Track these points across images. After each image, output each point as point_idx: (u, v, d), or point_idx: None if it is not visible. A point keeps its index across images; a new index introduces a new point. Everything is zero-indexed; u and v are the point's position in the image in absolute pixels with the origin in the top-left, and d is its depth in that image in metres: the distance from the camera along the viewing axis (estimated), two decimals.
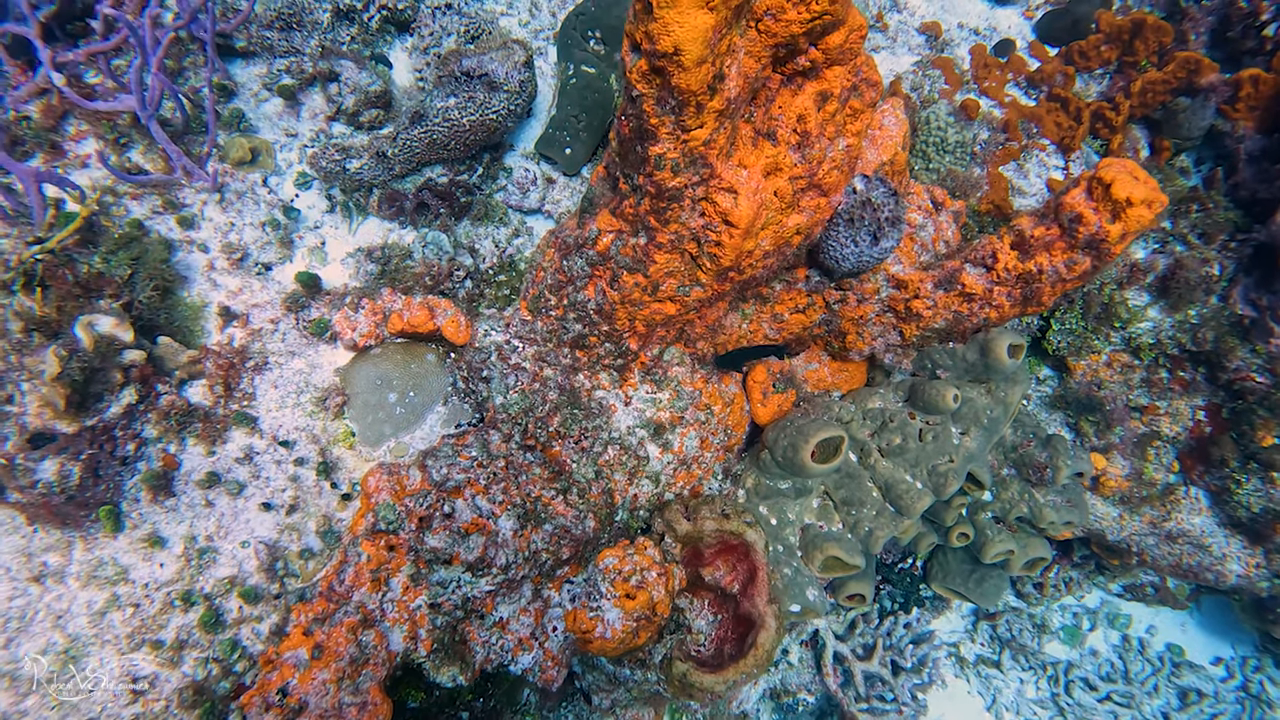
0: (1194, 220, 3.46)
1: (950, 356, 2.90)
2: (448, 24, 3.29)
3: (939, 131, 3.29)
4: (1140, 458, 3.71)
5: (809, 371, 3.11)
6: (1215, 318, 3.50)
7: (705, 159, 2.26)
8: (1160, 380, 3.67)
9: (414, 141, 2.84)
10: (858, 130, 2.51)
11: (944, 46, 3.69)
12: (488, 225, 3.15)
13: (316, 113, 3.21)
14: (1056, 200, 2.74)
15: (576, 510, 2.47)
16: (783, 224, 2.51)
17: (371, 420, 2.48)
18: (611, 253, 2.52)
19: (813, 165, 2.44)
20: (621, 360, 2.72)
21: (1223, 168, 3.51)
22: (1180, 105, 3.43)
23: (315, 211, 3.07)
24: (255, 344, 2.60)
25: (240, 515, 2.33)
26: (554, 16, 3.63)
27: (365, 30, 3.34)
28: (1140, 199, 2.58)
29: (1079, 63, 3.58)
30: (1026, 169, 3.46)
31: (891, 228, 2.63)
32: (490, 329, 2.69)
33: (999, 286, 2.84)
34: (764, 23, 2.13)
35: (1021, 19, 3.79)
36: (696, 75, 2.02)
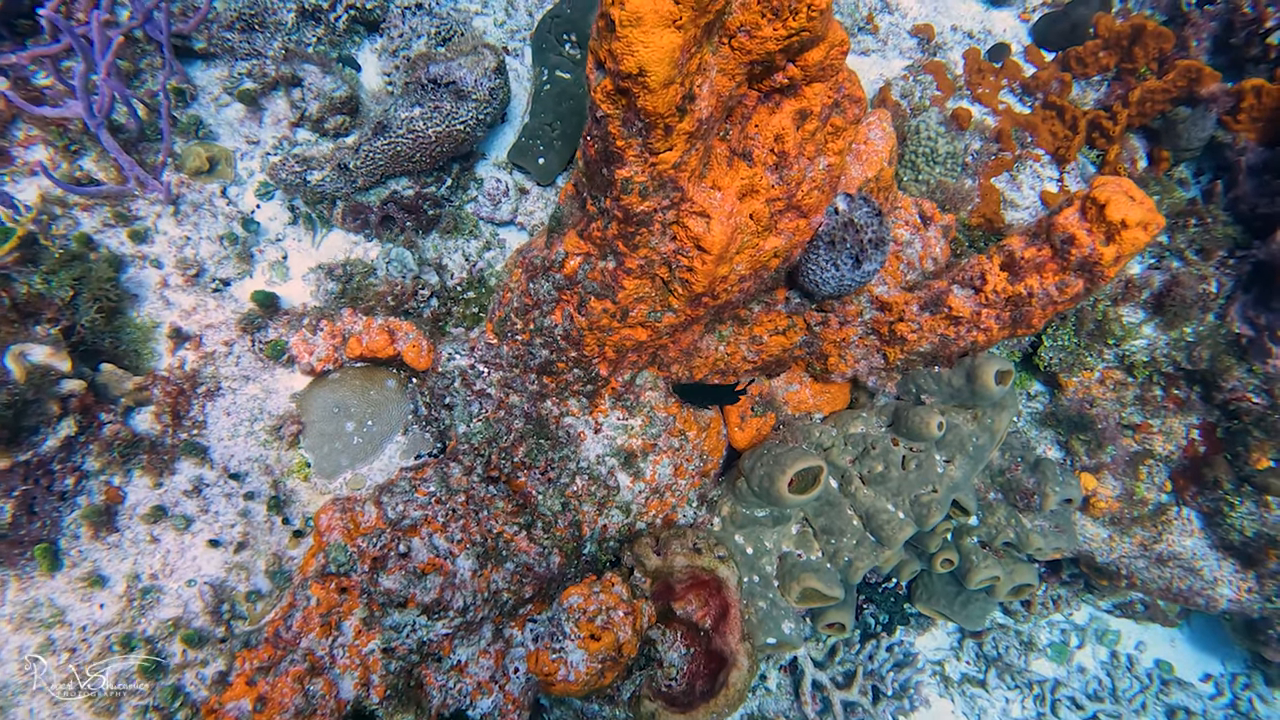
0: (1192, 235, 3.34)
1: (935, 381, 2.79)
2: (418, 25, 3.15)
3: (929, 142, 3.16)
4: (1132, 477, 3.61)
5: (790, 393, 3.00)
6: (1212, 336, 3.39)
7: (675, 182, 2.14)
8: (1154, 398, 3.56)
9: (377, 153, 2.71)
10: (840, 149, 2.39)
11: (936, 50, 3.55)
12: (457, 238, 3.02)
13: (280, 118, 3.08)
14: (1049, 220, 2.63)
15: (541, 546, 2.37)
16: (759, 247, 2.39)
17: (328, 451, 2.37)
18: (579, 277, 2.40)
19: (791, 187, 2.31)
20: (591, 386, 2.61)
21: (1223, 180, 3.38)
22: (1180, 115, 3.30)
23: (277, 223, 2.94)
24: (208, 368, 2.49)
25: (187, 552, 2.23)
26: (531, 16, 3.48)
27: (332, 31, 3.20)
28: (1136, 221, 2.47)
29: (1076, 69, 3.45)
30: (1020, 180, 3.34)
31: (875, 250, 2.51)
32: (454, 353, 2.57)
33: (987, 309, 2.73)
34: (738, 39, 2.00)
35: (1018, 21, 3.65)
36: (664, 97, 1.90)
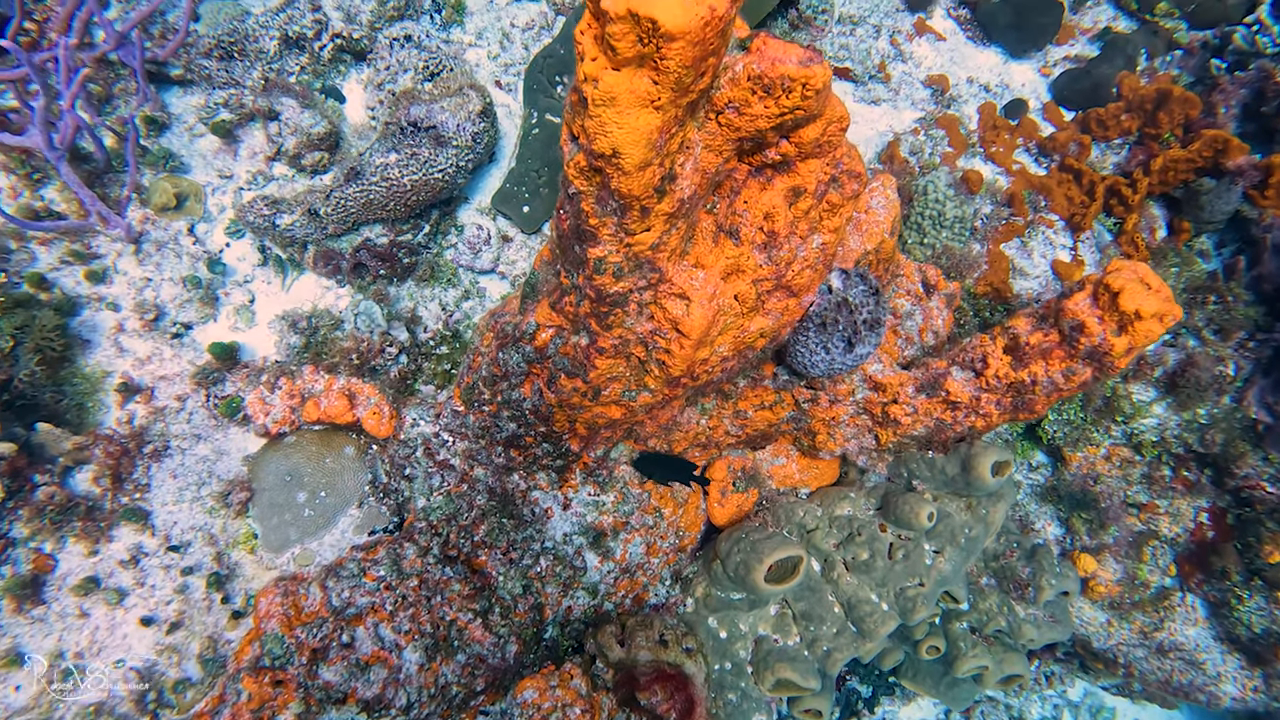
0: (1210, 313, 3.17)
1: (929, 467, 2.63)
2: (405, 58, 3.01)
3: (937, 205, 2.99)
4: (1135, 558, 3.44)
5: (775, 467, 2.85)
6: (1226, 419, 3.21)
7: (653, 263, 1.99)
8: (1162, 478, 3.39)
9: (349, 200, 2.57)
10: (836, 226, 2.23)
11: (950, 102, 3.38)
12: (434, 286, 2.88)
13: (256, 151, 2.94)
14: (1058, 304, 2.47)
15: (496, 635, 2.22)
16: (744, 328, 2.24)
17: (276, 523, 2.23)
18: (550, 351, 2.25)
19: (780, 267, 2.16)
20: (561, 461, 2.46)
21: (1246, 256, 3.20)
22: (1204, 186, 3.12)
23: (246, 264, 2.81)
24: (157, 425, 2.35)
25: (118, 629, 2.09)
26: (526, 50, 3.34)
27: (316, 60, 3.06)
28: (1151, 312, 2.31)
29: (1096, 131, 3.27)
30: (1031, 247, 3.17)
31: (870, 332, 2.35)
32: (419, 418, 2.43)
33: (988, 394, 2.57)
34: (726, 115, 1.85)
35: (1037, 76, 3.48)
36: (639, 180, 1.75)
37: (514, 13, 3.36)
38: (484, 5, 3.36)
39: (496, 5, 3.37)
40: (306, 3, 3.01)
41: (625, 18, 1.46)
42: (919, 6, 3.47)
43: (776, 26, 3.36)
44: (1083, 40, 3.56)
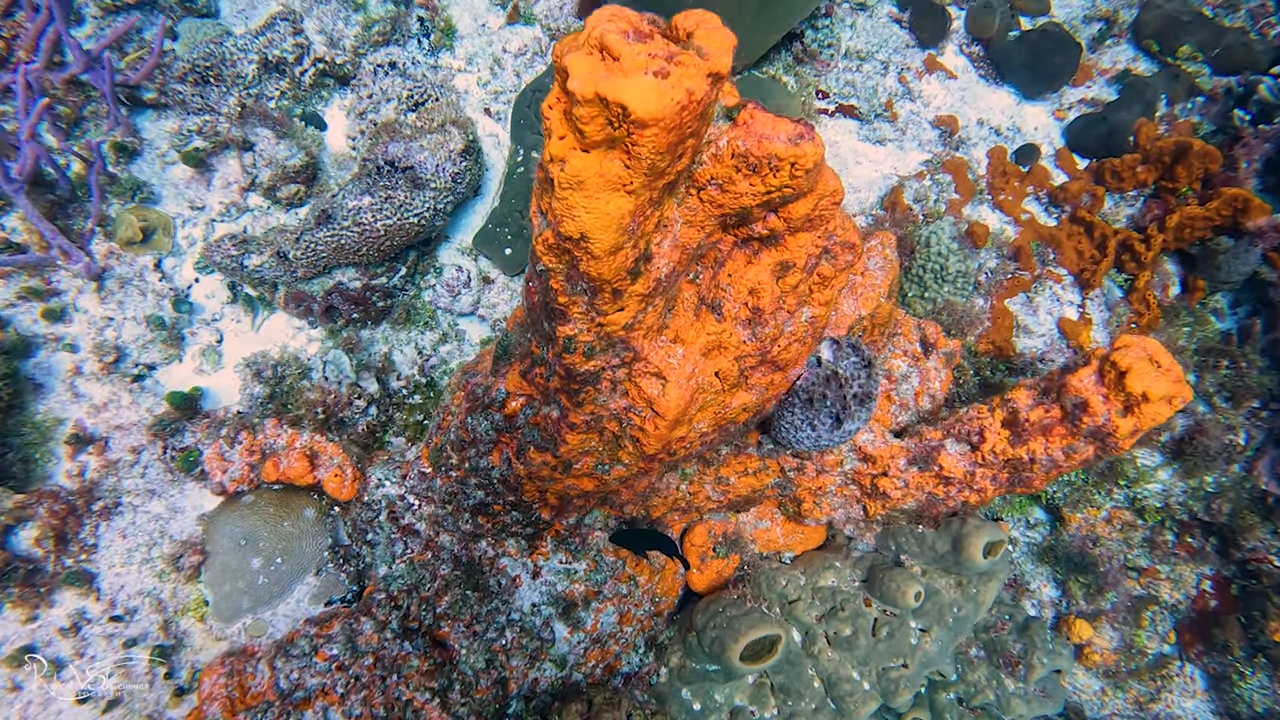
0: (1222, 378, 3.03)
1: (918, 543, 2.51)
2: (388, 87, 2.88)
3: (939, 258, 2.85)
4: (1133, 624, 3.31)
5: (759, 530, 2.73)
6: (1235, 489, 3.08)
7: (627, 342, 1.87)
8: (1164, 543, 3.26)
9: (319, 245, 2.45)
10: (827, 299, 2.10)
11: (959, 145, 3.23)
12: (411, 329, 2.76)
13: (230, 181, 2.82)
14: (1061, 379, 2.34)
15: (455, 716, 2.12)
16: (725, 404, 2.11)
17: (229, 590, 2.13)
18: (519, 421, 2.13)
19: (765, 343, 2.03)
20: (532, 529, 2.35)
21: (1262, 318, 3.06)
22: (1221, 246, 2.97)
23: (215, 301, 2.70)
24: (109, 479, 2.25)
25: (51, 704, 1.99)
26: (518, 77, 3.20)
27: (297, 85, 2.93)
28: (1160, 395, 2.19)
29: (1110, 183, 3.12)
30: (1037, 303, 3.03)
31: (860, 407, 2.23)
32: (385, 479, 2.32)
33: (983, 469, 2.45)
34: (708, 191, 1.72)
35: (1051, 119, 3.32)
36: (610, 264, 1.63)
37: (506, 37, 3.22)
38: (475, 29, 3.22)
39: (488, 29, 3.23)
40: (288, 26, 2.88)
41: (593, 101, 1.33)
42: (930, 43, 3.32)
43: (780, 60, 3.21)
44: (1100, 82, 3.41)
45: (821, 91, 3.22)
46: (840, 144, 3.19)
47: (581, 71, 1.33)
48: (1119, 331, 3.04)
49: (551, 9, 3.23)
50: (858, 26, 3.31)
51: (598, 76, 1.33)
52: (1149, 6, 3.44)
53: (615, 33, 1.36)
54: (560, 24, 3.22)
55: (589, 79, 1.32)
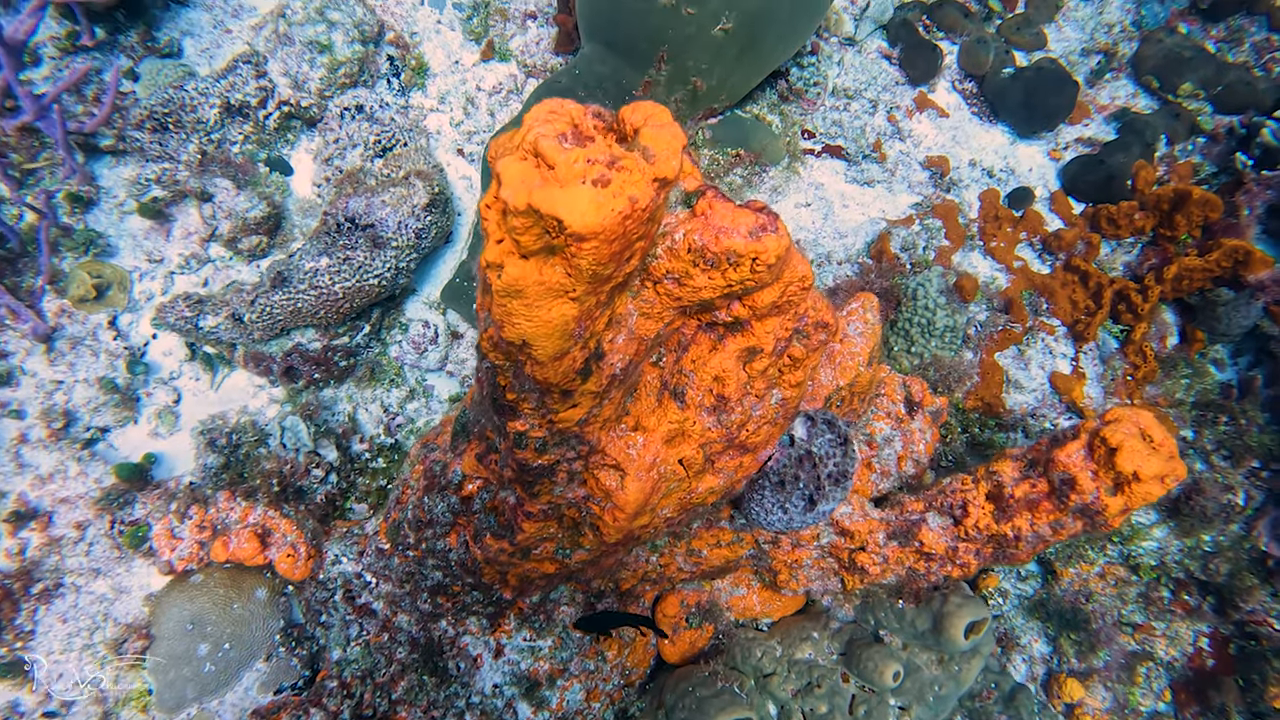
0: (1221, 435, 2.91)
1: (898, 619, 2.41)
2: (355, 132, 2.77)
3: (926, 312, 2.74)
4: (1127, 681, 3.21)
5: (735, 598, 2.63)
6: (1233, 549, 2.96)
7: (582, 437, 1.77)
8: (1160, 599, 3.15)
9: (274, 308, 2.35)
10: (797, 381, 1.99)
11: (950, 186, 3.12)
12: (376, 387, 2.66)
13: (190, 231, 2.72)
14: (1048, 453, 2.24)
15: None
16: (691, 489, 2.01)
17: (174, 677, 2.04)
18: (476, 506, 2.04)
19: (732, 430, 1.93)
20: (494, 607, 2.25)
21: (1263, 372, 2.94)
22: (1221, 298, 2.85)
23: (172, 359, 2.60)
24: (51, 558, 2.16)
25: None
26: (492, 116, 3.09)
27: (261, 129, 2.83)
28: (1151, 475, 2.08)
29: (1107, 229, 3.00)
30: (1028, 356, 2.91)
31: (835, 487, 2.12)
32: (342, 554, 2.23)
33: (966, 543, 2.34)
34: (664, 285, 1.61)
35: (1046, 159, 3.20)
36: (556, 369, 1.53)
37: (480, 75, 3.11)
38: (448, 67, 3.11)
39: (462, 67, 3.12)
40: (250, 69, 2.78)
41: (527, 212, 1.22)
42: (921, 80, 3.20)
43: (765, 99, 3.10)
44: (1098, 120, 3.28)
45: (807, 131, 3.11)
46: (827, 186, 3.08)
47: (514, 179, 1.23)
48: (1114, 386, 2.93)
49: (528, 44, 3.12)
50: (846, 63, 3.18)
51: (531, 186, 1.22)
52: (1149, 41, 3.31)
53: (550, 137, 1.25)
54: (537, 60, 3.11)
55: (522, 189, 1.22)
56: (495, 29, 3.14)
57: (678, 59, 2.61)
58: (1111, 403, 2.93)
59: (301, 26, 2.79)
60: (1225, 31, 3.36)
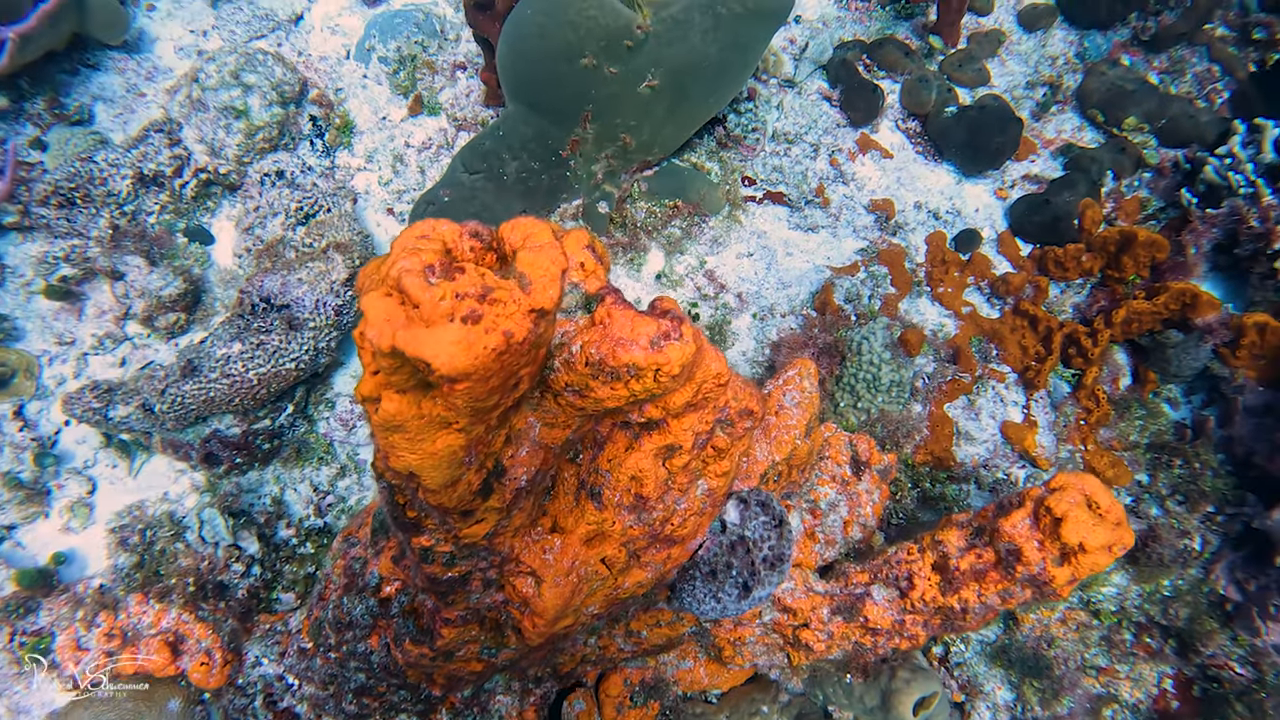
0: (1176, 479, 2.86)
1: (847, 695, 2.33)
2: (276, 200, 2.67)
3: (871, 368, 2.67)
4: None
5: (681, 671, 2.55)
6: (1192, 592, 2.91)
7: (492, 548, 1.68)
8: (1122, 642, 3.09)
9: (186, 398, 2.24)
10: (725, 470, 1.91)
11: (896, 230, 3.05)
12: (304, 466, 2.56)
13: (104, 310, 2.61)
14: (993, 523, 2.17)
15: None
16: (618, 585, 1.93)
17: None
18: (394, 610, 1.94)
19: (656, 526, 1.84)
20: (424, 705, 2.16)
21: (1215, 412, 2.89)
22: (1170, 340, 2.80)
23: (86, 447, 2.49)
24: None
25: None
26: (423, 174, 3.00)
27: (178, 199, 2.72)
28: (1097, 545, 2.03)
29: (1054, 272, 2.95)
30: (978, 406, 2.85)
31: (771, 571, 2.04)
32: (263, 656, 2.12)
33: (913, 615, 2.27)
34: (565, 397, 1.53)
35: (993, 199, 3.14)
36: (451, 495, 1.44)
37: (409, 130, 3.01)
38: (375, 124, 3.01)
39: (389, 123, 3.02)
40: (163, 137, 2.67)
41: (392, 354, 1.14)
42: (863, 122, 3.13)
43: (703, 146, 3.02)
44: (1045, 155, 3.23)
45: (748, 178, 3.03)
46: (769, 234, 3.00)
47: (378, 318, 1.14)
48: (1067, 433, 2.87)
49: (458, 97, 3.03)
50: (785, 106, 3.11)
51: (395, 326, 1.13)
52: (1092, 74, 3.26)
53: (415, 272, 1.16)
54: (468, 113, 3.01)
55: (386, 329, 1.13)
56: (423, 82, 3.04)
57: (604, 117, 2.52)
58: (1065, 451, 2.87)
59: (215, 92, 2.68)
60: (1167, 62, 3.32)
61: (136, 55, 2.94)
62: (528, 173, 2.56)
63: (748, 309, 2.85)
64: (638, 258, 2.83)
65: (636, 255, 2.83)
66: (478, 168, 2.54)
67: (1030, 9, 3.38)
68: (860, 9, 3.35)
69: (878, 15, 3.34)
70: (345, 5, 3.21)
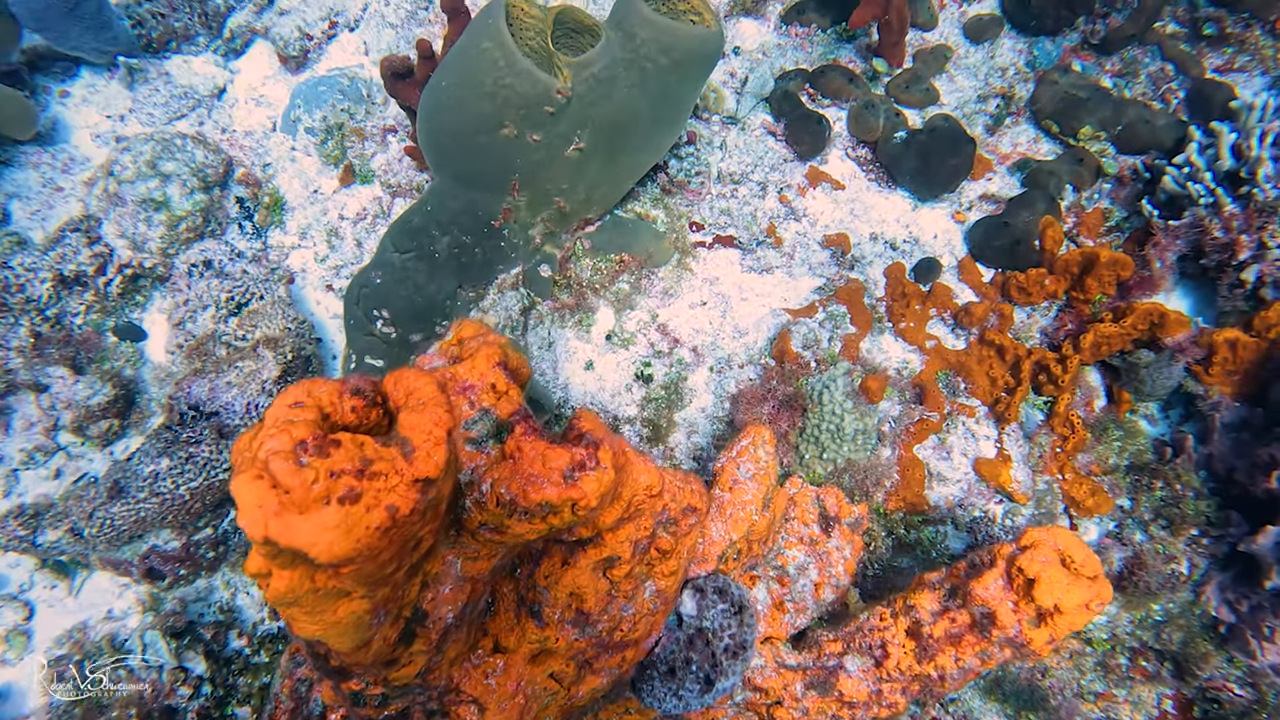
0: (1157, 504, 2.77)
1: None
2: (205, 292, 2.57)
3: (834, 418, 2.58)
4: None
5: None
6: (1184, 615, 2.83)
7: (427, 684, 1.58)
8: (1118, 667, 3.01)
9: (116, 519, 2.14)
10: (673, 569, 1.83)
11: (854, 265, 2.95)
12: None
13: (33, 422, 2.51)
14: (965, 585, 2.09)
15: None
16: (572, 695, 1.84)
17: None
18: None
19: (603, 636, 1.75)
20: None
21: (1194, 430, 2.80)
22: (1142, 360, 2.71)
23: (21, 570, 2.39)
24: None
25: None
26: (360, 246, 2.89)
27: (104, 297, 2.62)
28: (1074, 605, 1.96)
29: (1018, 297, 2.86)
30: (949, 444, 2.76)
31: (734, 660, 1.96)
32: None
33: (890, 683, 2.18)
34: (483, 534, 1.44)
35: (951, 222, 3.05)
36: (366, 654, 1.35)
37: (342, 201, 2.91)
38: (306, 198, 2.91)
39: (321, 195, 2.92)
40: (81, 236, 2.57)
41: (267, 543, 1.04)
42: (810, 155, 3.03)
43: (647, 194, 2.92)
44: (1001, 171, 3.13)
45: (695, 224, 2.93)
46: (722, 279, 2.91)
47: (249, 506, 1.04)
48: (1042, 464, 2.78)
49: (390, 162, 2.93)
50: (729, 145, 3.01)
51: (267, 514, 1.04)
52: (1044, 83, 3.16)
53: (284, 454, 1.06)
54: (401, 179, 2.91)
55: (257, 517, 1.03)
56: (353, 150, 2.94)
57: (534, 184, 2.42)
58: (1041, 482, 2.78)
59: (132, 185, 2.58)
60: (1120, 64, 3.22)
61: (51, 147, 2.83)
62: (460, 247, 2.46)
63: (704, 362, 2.76)
64: (586, 318, 2.73)
65: (585, 316, 2.73)
66: (407, 247, 2.44)
67: (975, 20, 3.28)
68: (801, 35, 3.25)
69: (820, 40, 3.24)
70: (269, 74, 3.10)
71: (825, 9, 3.22)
